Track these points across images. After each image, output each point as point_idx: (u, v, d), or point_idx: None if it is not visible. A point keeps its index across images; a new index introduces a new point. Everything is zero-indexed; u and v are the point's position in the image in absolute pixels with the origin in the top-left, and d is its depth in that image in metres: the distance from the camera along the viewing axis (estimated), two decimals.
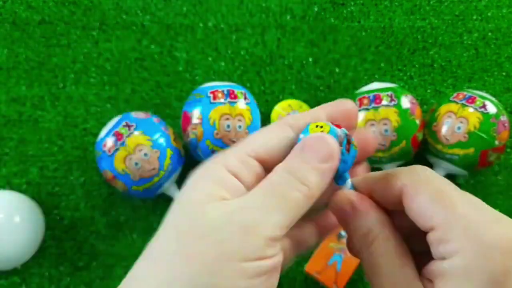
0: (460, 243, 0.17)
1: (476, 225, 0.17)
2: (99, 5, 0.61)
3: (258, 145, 0.20)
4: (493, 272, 0.16)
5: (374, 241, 0.20)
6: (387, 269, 0.19)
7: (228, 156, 0.20)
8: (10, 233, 0.46)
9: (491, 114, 0.47)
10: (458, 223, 0.18)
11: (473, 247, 0.17)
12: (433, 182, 0.19)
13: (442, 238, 0.18)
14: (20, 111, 0.56)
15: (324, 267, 0.47)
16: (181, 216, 0.19)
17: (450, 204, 0.18)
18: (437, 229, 0.18)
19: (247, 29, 0.60)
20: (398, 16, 0.61)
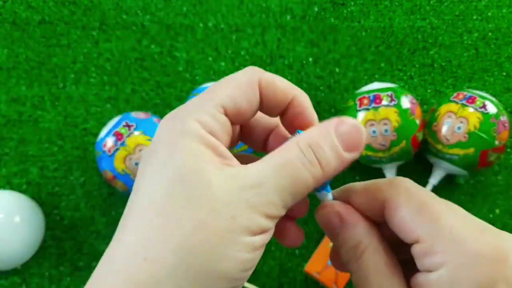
0: (445, 255, 0.17)
1: (461, 236, 0.17)
2: (99, 5, 0.61)
3: (227, 100, 0.19)
4: (480, 283, 0.16)
5: (364, 253, 0.20)
6: (376, 281, 0.19)
7: (199, 112, 0.19)
8: (10, 233, 0.46)
9: (491, 114, 0.47)
10: (443, 235, 0.17)
11: (459, 259, 0.17)
12: (415, 195, 0.19)
13: (427, 250, 0.18)
14: (20, 111, 0.56)
15: (324, 267, 0.47)
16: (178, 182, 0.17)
17: (434, 216, 0.18)
18: (422, 242, 0.18)
19: (247, 29, 0.60)
20: (398, 16, 0.61)
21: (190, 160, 0.18)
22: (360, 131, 0.19)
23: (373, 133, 0.47)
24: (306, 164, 0.18)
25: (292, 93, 0.21)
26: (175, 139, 0.18)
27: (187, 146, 0.18)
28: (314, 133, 0.19)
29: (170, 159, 0.18)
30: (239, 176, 0.18)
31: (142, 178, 0.18)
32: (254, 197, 0.17)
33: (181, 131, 0.18)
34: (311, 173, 0.18)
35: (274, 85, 0.21)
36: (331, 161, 0.18)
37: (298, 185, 0.18)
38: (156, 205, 0.17)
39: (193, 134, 0.18)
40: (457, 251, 0.17)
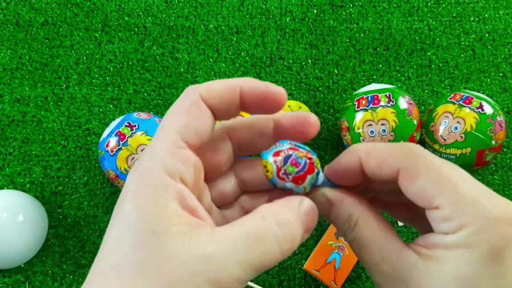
0: (465, 220, 0.18)
1: (480, 203, 0.18)
2: (101, 7, 0.61)
3: (184, 131, 0.19)
4: (494, 241, 0.17)
5: (357, 223, 0.21)
6: (375, 246, 0.20)
7: (161, 154, 0.18)
8: (14, 232, 0.47)
9: (488, 114, 0.47)
10: (463, 202, 0.18)
11: (478, 223, 0.18)
12: (432, 164, 0.19)
13: (447, 216, 0.18)
14: (24, 111, 0.56)
15: (323, 264, 0.48)
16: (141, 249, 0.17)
17: (452, 184, 0.18)
18: (442, 209, 0.18)
19: (248, 31, 0.61)
20: (396, 17, 0.62)
21: (155, 223, 0.17)
22: (316, 214, 0.20)
23: (371, 133, 0.48)
24: (278, 239, 0.18)
25: (235, 85, 0.20)
26: (140, 194, 0.18)
27: (152, 203, 0.17)
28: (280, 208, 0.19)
29: (135, 221, 0.17)
30: (204, 245, 0.17)
31: (109, 235, 0.18)
32: (217, 273, 0.17)
33: (145, 184, 0.18)
34: (280, 248, 0.18)
35: (214, 91, 0.20)
36: (297, 238, 0.19)
37: (265, 258, 0.18)
38: (119, 270, 0.17)
39: (158, 186, 0.18)
40: (477, 217, 0.18)
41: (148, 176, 0.18)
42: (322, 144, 0.56)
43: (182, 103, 0.20)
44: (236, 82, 0.20)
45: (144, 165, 0.19)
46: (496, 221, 0.18)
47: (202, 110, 0.20)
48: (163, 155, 0.18)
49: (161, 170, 0.18)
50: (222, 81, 0.20)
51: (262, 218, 0.18)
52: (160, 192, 0.18)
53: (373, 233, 0.20)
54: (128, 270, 0.16)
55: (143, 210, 0.17)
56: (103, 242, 0.18)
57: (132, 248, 0.17)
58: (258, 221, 0.18)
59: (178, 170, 0.18)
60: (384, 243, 0.20)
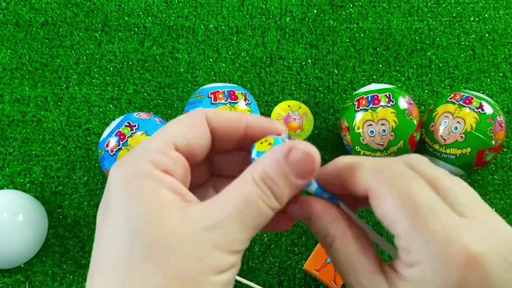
0: (420, 257, 0.17)
1: (436, 237, 0.17)
2: (101, 7, 0.61)
3: (176, 136, 0.20)
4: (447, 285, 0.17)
5: (333, 242, 0.20)
6: (349, 267, 0.20)
7: (148, 152, 0.19)
8: (13, 232, 0.47)
9: (488, 114, 0.47)
10: (420, 235, 0.17)
11: (432, 263, 0.17)
12: (398, 186, 0.19)
13: (404, 247, 0.18)
14: (24, 111, 0.56)
15: (323, 264, 0.48)
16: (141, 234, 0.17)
17: (413, 213, 0.18)
18: (401, 238, 0.18)
19: (248, 31, 0.61)
20: (396, 17, 0.62)
21: (149, 207, 0.17)
22: (312, 158, 0.19)
23: (371, 133, 0.48)
24: (264, 199, 0.18)
25: (242, 118, 0.21)
26: (129, 184, 0.18)
27: (143, 190, 0.18)
28: (267, 164, 0.19)
29: (128, 209, 0.17)
30: (202, 216, 0.18)
31: (102, 231, 0.18)
32: (219, 237, 0.17)
33: (133, 174, 0.18)
34: (269, 206, 0.19)
35: (220, 115, 0.21)
36: (284, 192, 0.19)
37: (259, 218, 0.18)
38: (123, 260, 0.17)
39: (146, 175, 0.18)
40: (432, 255, 0.17)
41: (136, 168, 0.18)
42: (322, 144, 0.56)
43: (187, 117, 0.21)
44: (243, 116, 0.22)
45: (130, 159, 0.19)
46: (451, 263, 0.17)
47: (202, 127, 0.21)
48: (150, 151, 0.19)
49: (148, 163, 0.18)
50: (231, 112, 0.22)
51: (246, 180, 0.19)
52: (149, 181, 0.18)
53: (349, 254, 0.20)
54: (133, 259, 0.17)
55: (136, 199, 0.18)
56: (97, 239, 0.18)
57: (133, 236, 0.17)
58: (242, 185, 0.19)
59: (164, 164, 0.19)
60: (358, 266, 0.19)
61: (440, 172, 0.20)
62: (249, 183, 0.19)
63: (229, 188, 0.19)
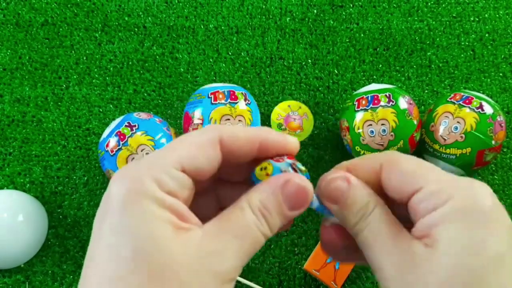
0: (451, 191, 0.19)
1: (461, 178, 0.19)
2: (101, 7, 0.61)
3: (185, 158, 0.19)
4: (484, 209, 0.18)
5: (374, 211, 0.21)
6: (387, 235, 0.20)
7: (155, 170, 0.18)
8: (13, 232, 0.47)
9: (488, 114, 0.47)
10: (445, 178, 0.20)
11: (462, 192, 0.19)
12: (411, 157, 0.21)
13: (433, 190, 0.19)
14: (24, 111, 0.56)
15: (323, 264, 0.48)
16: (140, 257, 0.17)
17: (432, 168, 0.20)
18: (427, 186, 0.19)
19: (248, 31, 0.61)
20: (396, 18, 0.62)
21: (151, 231, 0.17)
22: (306, 192, 0.20)
23: (371, 133, 0.48)
24: (260, 227, 0.19)
25: (257, 138, 0.21)
26: (132, 205, 0.18)
27: (145, 210, 0.17)
28: (263, 194, 0.20)
29: (128, 229, 0.17)
30: (202, 244, 0.18)
31: (98, 246, 0.18)
32: (217, 265, 0.18)
33: (137, 192, 0.18)
34: (263, 234, 0.20)
35: (236, 139, 0.21)
36: (277, 222, 0.20)
37: (255, 246, 0.19)
38: (120, 282, 0.16)
39: (150, 195, 0.18)
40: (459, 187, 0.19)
41: (140, 185, 0.18)
42: (322, 144, 0.56)
43: (200, 135, 0.20)
44: (259, 135, 0.21)
45: (136, 173, 0.19)
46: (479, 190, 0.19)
47: (213, 152, 0.20)
48: (156, 169, 0.19)
49: (153, 181, 0.18)
50: (246, 130, 0.21)
51: (243, 208, 0.19)
52: (152, 203, 0.18)
53: (387, 221, 0.20)
54: (131, 279, 0.16)
55: (138, 221, 0.17)
56: (92, 252, 0.18)
57: (133, 259, 0.17)
58: (240, 213, 0.19)
59: (169, 185, 0.18)
60: (398, 234, 0.20)
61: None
62: (246, 211, 0.19)
63: (226, 213, 0.20)
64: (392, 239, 0.20)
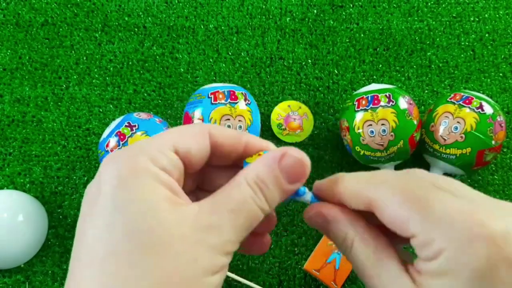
0: (442, 244, 0.17)
1: (455, 222, 0.17)
2: (101, 7, 0.61)
3: (178, 141, 0.20)
4: (479, 268, 0.16)
5: (353, 244, 0.20)
6: (372, 271, 0.20)
7: (149, 149, 0.19)
8: (13, 232, 0.47)
9: (488, 114, 0.47)
10: (437, 224, 0.17)
11: (456, 246, 0.17)
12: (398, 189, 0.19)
13: (424, 242, 0.18)
14: (24, 112, 0.56)
15: (323, 265, 0.48)
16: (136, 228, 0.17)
17: (424, 205, 0.18)
18: (417, 235, 0.18)
19: (248, 31, 0.61)
20: (396, 18, 0.62)
21: (146, 202, 0.17)
22: (303, 164, 0.20)
23: (371, 133, 0.48)
24: (256, 200, 0.19)
25: (243, 138, 0.22)
26: (127, 177, 0.18)
27: (140, 185, 0.17)
28: (260, 168, 0.20)
29: (123, 202, 0.17)
30: (197, 217, 0.18)
31: (91, 220, 0.17)
32: (213, 238, 0.18)
33: (131, 169, 0.18)
34: (261, 208, 0.19)
35: (223, 132, 0.21)
36: (275, 196, 0.20)
37: (251, 220, 0.19)
38: (116, 255, 0.16)
39: (146, 170, 0.18)
40: (453, 238, 0.17)
41: (134, 162, 0.18)
42: (322, 144, 0.56)
43: (190, 127, 0.21)
44: (243, 134, 0.22)
45: (127, 153, 0.19)
46: (473, 241, 0.16)
47: (204, 139, 0.21)
48: (149, 148, 0.19)
49: (147, 158, 0.18)
50: (232, 130, 0.22)
51: (239, 182, 0.19)
52: (147, 177, 0.18)
53: (369, 256, 0.20)
54: (127, 254, 0.16)
55: (133, 196, 0.17)
56: (83, 231, 0.18)
57: (128, 233, 0.17)
58: (236, 186, 0.19)
59: (163, 162, 0.19)
60: (382, 267, 0.19)
61: (437, 174, 0.20)
62: (242, 185, 0.19)
63: (222, 189, 0.19)
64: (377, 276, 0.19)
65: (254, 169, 0.20)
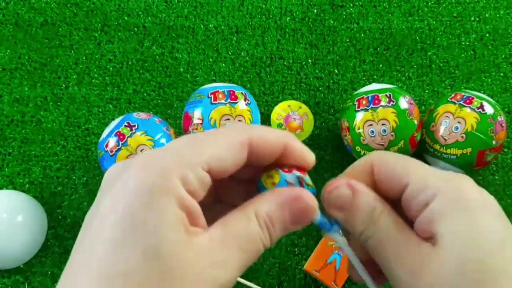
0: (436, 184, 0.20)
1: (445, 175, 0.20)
2: (101, 7, 0.61)
3: (214, 159, 0.19)
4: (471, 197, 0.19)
5: (381, 215, 0.21)
6: (397, 240, 0.20)
7: (183, 167, 0.18)
8: (13, 233, 0.47)
9: (489, 114, 0.47)
10: (431, 173, 0.20)
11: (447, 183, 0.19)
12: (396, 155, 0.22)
13: (420, 186, 0.20)
14: (23, 112, 0.56)
15: (323, 265, 0.48)
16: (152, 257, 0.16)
17: (419, 163, 0.21)
18: (413, 182, 0.20)
19: (248, 30, 0.61)
20: (396, 17, 0.62)
21: (164, 230, 0.17)
22: (312, 211, 0.20)
23: (372, 133, 0.48)
24: (263, 240, 0.19)
25: (283, 143, 0.21)
26: (153, 194, 0.17)
27: (164, 209, 0.17)
28: (272, 207, 0.20)
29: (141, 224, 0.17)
30: (208, 252, 0.18)
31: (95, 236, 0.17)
32: (223, 275, 0.18)
33: (162, 186, 0.17)
34: (264, 246, 0.20)
35: (265, 141, 0.20)
36: (278, 235, 0.20)
37: (256, 256, 0.19)
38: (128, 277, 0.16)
39: (174, 193, 0.17)
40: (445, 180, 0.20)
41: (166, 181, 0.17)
42: (322, 144, 0.56)
43: (229, 135, 0.20)
44: (284, 138, 0.21)
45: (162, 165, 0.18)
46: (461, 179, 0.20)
47: (241, 153, 0.20)
48: (184, 164, 0.18)
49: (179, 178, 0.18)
50: (274, 133, 0.21)
51: (250, 218, 0.19)
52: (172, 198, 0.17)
53: (396, 226, 0.21)
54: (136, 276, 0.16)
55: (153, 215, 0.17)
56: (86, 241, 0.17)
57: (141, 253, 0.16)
58: (246, 222, 0.19)
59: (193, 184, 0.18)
60: (408, 237, 0.20)
61: None
62: (252, 222, 0.19)
63: (233, 222, 0.19)
64: (401, 244, 0.20)
65: (266, 205, 0.20)
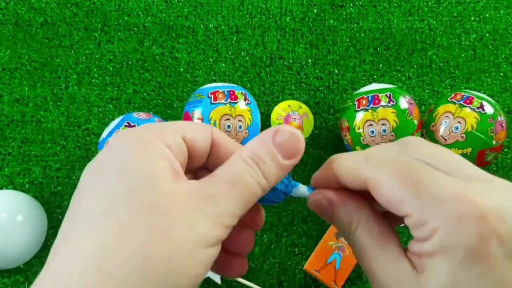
0: (435, 224, 0.17)
1: (448, 201, 0.17)
2: (101, 7, 0.61)
3: (187, 131, 0.20)
4: (470, 246, 0.16)
5: (357, 227, 0.21)
6: (373, 253, 0.20)
7: (161, 132, 0.20)
8: (13, 232, 0.47)
9: (489, 114, 0.47)
10: (430, 204, 0.17)
11: (448, 225, 0.17)
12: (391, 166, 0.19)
13: (417, 222, 0.18)
14: (23, 112, 0.56)
15: (323, 265, 0.48)
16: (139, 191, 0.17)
17: (418, 186, 0.18)
18: (411, 215, 0.18)
19: (248, 30, 0.61)
20: (396, 17, 0.62)
21: (150, 169, 0.18)
22: (297, 138, 0.20)
23: (372, 133, 0.48)
24: (252, 174, 0.19)
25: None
26: (137, 148, 0.18)
27: (150, 156, 0.18)
28: (254, 145, 0.20)
29: (132, 166, 0.18)
30: (195, 188, 0.19)
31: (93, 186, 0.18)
32: (211, 208, 0.18)
33: (140, 140, 0.19)
34: (257, 182, 0.19)
35: (224, 137, 0.22)
36: (272, 171, 0.20)
37: (249, 193, 0.19)
38: (114, 213, 0.17)
39: (152, 144, 0.19)
40: (445, 217, 0.17)
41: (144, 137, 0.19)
42: (322, 144, 0.56)
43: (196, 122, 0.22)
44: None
45: (138, 131, 0.19)
46: (464, 219, 0.17)
47: (208, 134, 0.21)
48: (159, 130, 0.20)
49: (157, 138, 0.19)
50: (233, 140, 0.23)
51: (234, 159, 0.20)
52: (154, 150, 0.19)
53: (372, 239, 0.20)
54: (125, 213, 0.17)
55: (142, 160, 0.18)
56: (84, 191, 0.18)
57: (130, 192, 0.17)
58: (231, 162, 0.20)
59: (170, 145, 0.19)
60: (382, 250, 0.20)
61: (435, 147, 0.20)
62: (237, 160, 0.20)
63: (221, 168, 0.20)
64: (376, 258, 0.20)
65: (248, 146, 0.20)
